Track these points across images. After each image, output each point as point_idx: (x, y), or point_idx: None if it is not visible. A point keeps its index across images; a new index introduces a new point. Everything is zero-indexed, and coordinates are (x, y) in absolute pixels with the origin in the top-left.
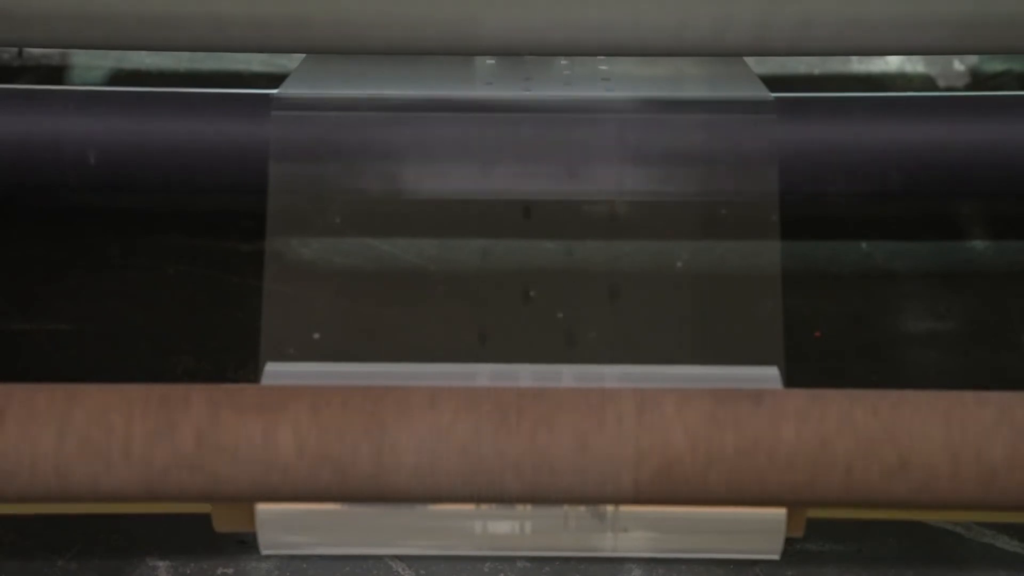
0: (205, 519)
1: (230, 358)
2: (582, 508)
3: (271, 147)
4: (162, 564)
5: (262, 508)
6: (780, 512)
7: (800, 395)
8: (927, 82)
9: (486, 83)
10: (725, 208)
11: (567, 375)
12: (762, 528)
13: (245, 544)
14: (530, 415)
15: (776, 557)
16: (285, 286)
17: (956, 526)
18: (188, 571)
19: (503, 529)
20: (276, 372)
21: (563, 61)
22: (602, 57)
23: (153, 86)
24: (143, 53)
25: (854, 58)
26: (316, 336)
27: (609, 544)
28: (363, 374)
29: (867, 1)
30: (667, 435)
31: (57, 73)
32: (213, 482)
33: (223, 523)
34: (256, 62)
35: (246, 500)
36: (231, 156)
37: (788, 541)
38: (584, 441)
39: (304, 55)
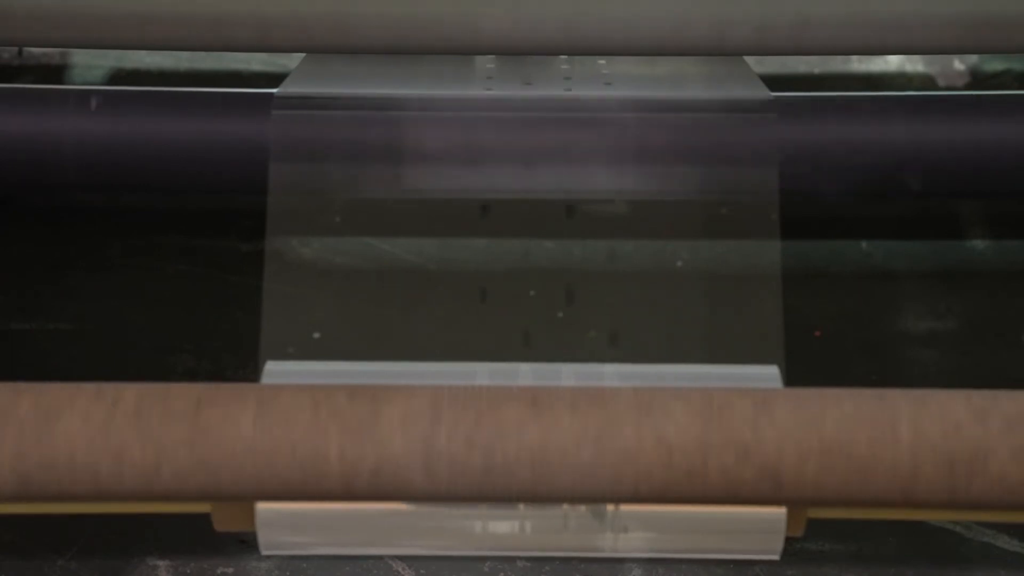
0: (205, 519)
1: (230, 358)
2: (582, 508)
3: (271, 147)
4: (162, 564)
5: (262, 508)
6: (780, 512)
7: (800, 394)
8: (927, 82)
9: (486, 83)
10: (725, 208)
11: (567, 373)
12: (762, 528)
13: (245, 544)
14: (529, 414)
15: (776, 557)
16: (285, 286)
17: (956, 526)
18: (188, 571)
19: (503, 529)
20: (276, 371)
21: (563, 62)
22: (602, 57)
23: (153, 86)
24: (143, 53)
25: (854, 58)
26: (316, 335)
27: (609, 544)
28: (363, 373)
29: (867, 1)
30: (667, 434)
31: (57, 73)
32: (213, 481)
33: (223, 523)
34: (256, 62)
35: (246, 500)
36: (231, 156)
37: (788, 541)
38: (583, 440)
39: (304, 55)
